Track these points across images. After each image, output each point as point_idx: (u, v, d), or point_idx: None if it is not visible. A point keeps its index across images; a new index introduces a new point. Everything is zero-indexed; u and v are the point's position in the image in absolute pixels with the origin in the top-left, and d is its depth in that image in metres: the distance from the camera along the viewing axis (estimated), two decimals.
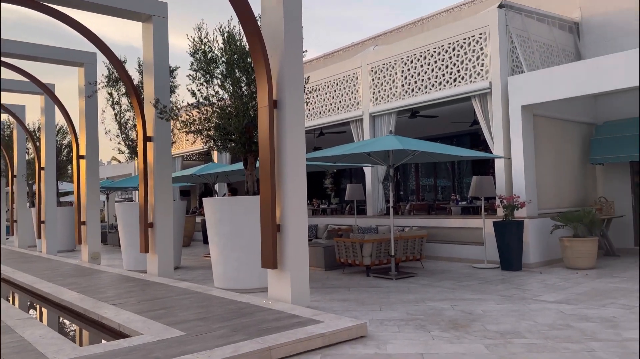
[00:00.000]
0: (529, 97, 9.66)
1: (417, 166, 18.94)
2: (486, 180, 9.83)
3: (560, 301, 6.44)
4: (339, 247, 9.45)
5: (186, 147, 19.92)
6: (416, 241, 9.68)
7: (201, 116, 8.52)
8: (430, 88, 11.37)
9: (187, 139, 18.81)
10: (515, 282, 7.98)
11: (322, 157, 8.79)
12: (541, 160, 10.27)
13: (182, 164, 20.96)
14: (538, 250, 9.70)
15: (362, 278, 8.80)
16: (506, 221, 9.36)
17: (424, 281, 8.28)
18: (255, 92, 7.93)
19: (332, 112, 13.94)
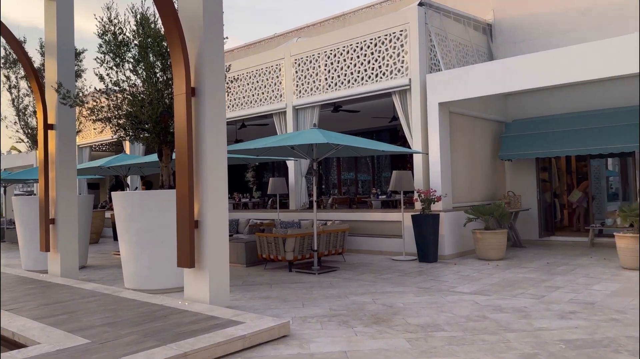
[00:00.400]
0: (446, 95, 9.98)
1: (338, 160, 19.10)
2: (405, 175, 10.04)
3: (474, 292, 6.68)
4: (260, 242, 9.21)
5: (95, 137, 18.60)
6: (338, 235, 9.67)
7: (110, 103, 7.88)
8: (352, 83, 11.40)
9: (94, 128, 17.54)
10: (432, 274, 8.21)
11: (244, 150, 8.49)
12: (456, 156, 10.67)
13: (90, 155, 19.55)
14: (452, 242, 10.08)
15: (284, 274, 8.63)
16: (423, 214, 9.61)
17: (346, 275, 8.27)
18: (171, 78, 7.45)
19: (255, 104, 13.60)
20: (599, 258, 9.27)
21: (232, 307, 5.89)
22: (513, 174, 12.30)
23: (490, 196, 11.76)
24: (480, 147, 11.60)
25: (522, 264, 8.90)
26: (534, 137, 11.34)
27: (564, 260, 9.23)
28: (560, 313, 5.39)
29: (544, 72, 8.74)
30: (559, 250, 10.64)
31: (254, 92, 13.61)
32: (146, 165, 11.84)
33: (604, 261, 8.81)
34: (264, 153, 9.52)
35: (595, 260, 9.07)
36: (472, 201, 11.08)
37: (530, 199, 11.90)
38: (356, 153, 9.91)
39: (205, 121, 5.95)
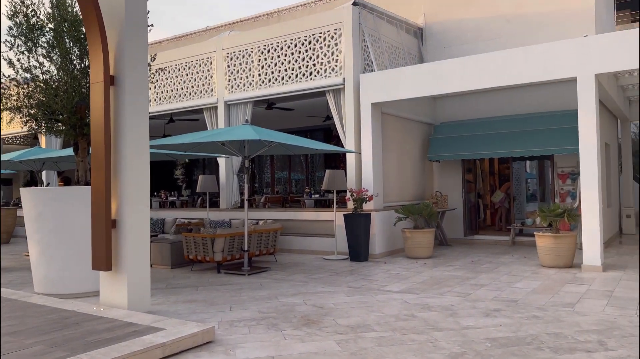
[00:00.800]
0: (379, 95, 10.05)
1: (272, 158, 18.85)
2: (338, 174, 10.00)
3: (403, 290, 6.72)
4: (187, 243, 8.79)
5: (7, 129, 17.10)
6: (270, 235, 9.45)
7: (20, 91, 7.18)
8: (286, 80, 11.22)
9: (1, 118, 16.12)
10: (363, 273, 8.21)
11: (170, 145, 8.04)
12: (388, 156, 10.79)
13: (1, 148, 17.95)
14: (383, 241, 10.18)
15: (212, 275, 8.29)
16: (355, 213, 9.62)
17: (276, 276, 8.08)
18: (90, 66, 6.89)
19: (184, 98, 13.05)
20: (519, 256, 9.71)
21: (153, 312, 5.52)
22: (440, 175, 12.66)
23: (419, 196, 12.03)
24: (411, 147, 11.82)
25: (448, 262, 9.13)
26: (461, 139, 11.72)
27: (487, 258, 9.58)
28: (485, 310, 5.52)
29: (473, 76, 9.01)
30: (483, 248, 11.06)
31: (184, 85, 13.06)
32: (62, 159, 10.98)
33: (524, 260, 9.23)
34: (192, 149, 9.11)
35: (516, 258, 9.49)
36: (402, 200, 11.26)
37: (456, 199, 12.30)
38: (289, 152, 9.75)
39: (125, 112, 5.53)
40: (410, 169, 11.79)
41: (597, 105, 7.81)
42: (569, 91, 10.78)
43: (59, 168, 12.77)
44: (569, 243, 8.14)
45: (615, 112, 12.27)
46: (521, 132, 11.01)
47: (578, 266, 8.08)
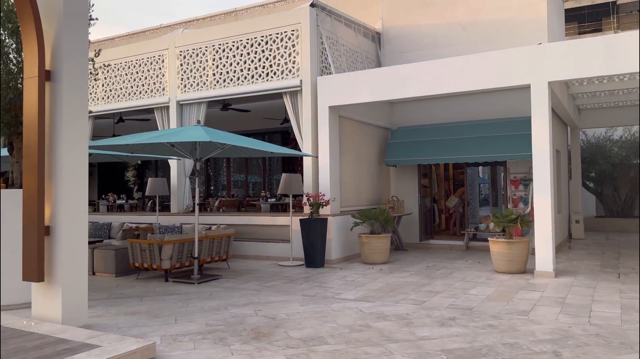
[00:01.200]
0: (336, 98, 9.90)
1: (228, 161, 18.40)
2: (295, 178, 9.77)
3: (359, 298, 6.56)
4: (133, 250, 8.32)
5: None
6: (223, 241, 9.11)
7: None
8: (242, 81, 10.90)
9: None
10: (318, 280, 8.00)
11: (115, 146, 7.58)
12: (345, 160, 10.66)
13: None
14: (339, 247, 10.01)
15: (159, 284, 7.86)
16: (312, 218, 9.41)
17: (228, 284, 7.75)
18: None
19: (134, 96, 12.49)
20: (473, 261, 9.77)
21: (90, 326, 5.10)
22: (397, 179, 12.65)
23: (376, 201, 11.96)
24: (368, 152, 11.74)
25: (404, 268, 9.06)
26: (417, 144, 11.74)
27: (442, 263, 9.58)
28: (440, 319, 5.41)
29: (430, 81, 9.00)
30: (438, 253, 11.09)
31: (134, 84, 12.50)
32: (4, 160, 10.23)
33: (478, 265, 9.28)
34: (140, 151, 8.65)
35: (470, 263, 9.53)
36: (358, 205, 11.15)
37: (412, 204, 12.31)
38: (244, 154, 9.43)
39: (61, 109, 5.10)
40: (367, 174, 11.71)
41: (550, 112, 7.93)
42: (522, 98, 10.97)
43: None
44: (522, 249, 8.22)
45: (565, 119, 12.63)
46: (476, 138, 11.12)
47: (531, 272, 8.17)
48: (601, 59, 7.42)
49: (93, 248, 8.87)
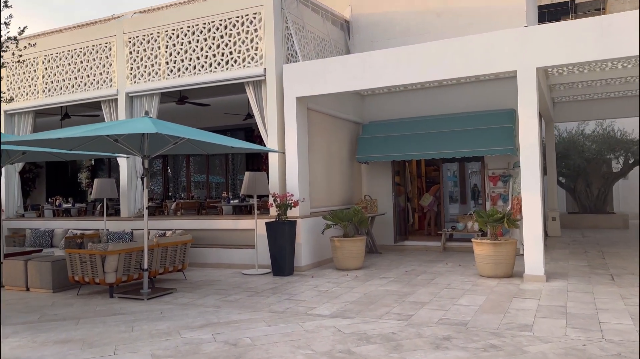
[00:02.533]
0: (304, 89, 9.00)
1: (188, 160, 17.22)
2: (259, 177, 8.82)
3: (335, 314, 5.68)
4: (72, 261, 7.18)
5: None
6: (178, 249, 8.06)
7: None
8: (199, 70, 9.85)
9: None
10: (287, 291, 7.08)
11: (44, 140, 6.42)
12: (314, 157, 9.77)
13: None
14: (310, 252, 9.12)
15: (102, 301, 6.77)
16: (279, 221, 8.49)
17: (183, 299, 6.73)
18: None
19: (79, 89, 11.21)
20: (454, 264, 9.06)
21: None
22: (369, 177, 11.87)
23: (348, 201, 11.13)
24: (338, 148, 10.90)
25: (381, 273, 8.25)
26: (390, 139, 10.98)
27: (421, 267, 8.83)
28: (434, 340, 4.60)
29: (406, 68, 8.22)
30: (414, 255, 10.36)
31: (78, 75, 11.23)
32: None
33: (460, 269, 8.57)
34: (80, 147, 7.50)
35: (451, 266, 8.82)
36: (330, 205, 10.29)
37: (386, 203, 11.55)
38: (201, 151, 8.40)
39: None
40: (339, 171, 10.86)
41: (537, 101, 7.28)
42: (502, 90, 10.39)
43: None
44: (509, 251, 7.54)
45: (542, 112, 12.13)
46: (452, 132, 10.44)
47: (519, 276, 7.50)
48: (594, 42, 6.81)
49: (26, 260, 7.66)
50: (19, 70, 11.93)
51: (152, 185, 17.94)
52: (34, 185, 17.89)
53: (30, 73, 11.81)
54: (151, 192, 17.73)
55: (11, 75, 12.03)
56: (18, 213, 12.25)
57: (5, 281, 7.76)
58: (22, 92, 11.90)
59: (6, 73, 12.04)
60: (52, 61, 11.49)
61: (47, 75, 11.58)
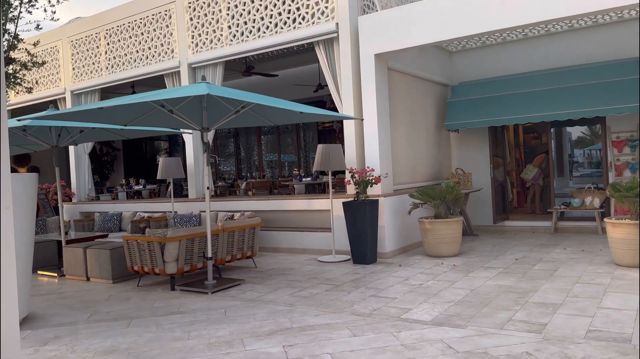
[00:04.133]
0: (384, 43, 7.60)
1: (259, 139, 16.45)
2: (334, 150, 7.61)
3: (439, 320, 4.40)
4: (130, 249, 6.43)
5: None
6: (246, 233, 7.11)
7: None
8: (264, 32, 8.74)
9: None
10: (372, 284, 5.88)
11: (82, 112, 5.58)
12: (396, 125, 8.40)
13: None
14: (394, 235, 7.84)
15: (162, 295, 5.95)
16: (358, 201, 7.27)
17: (252, 294, 5.74)
18: None
19: (140, 63, 10.56)
20: (574, 249, 7.41)
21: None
22: (460, 147, 10.30)
23: (435, 175, 9.68)
24: (423, 114, 9.42)
25: (484, 262, 6.81)
26: (486, 101, 9.33)
27: (533, 253, 7.27)
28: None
29: (515, 7, 6.55)
30: (519, 238, 8.76)
31: (139, 48, 10.55)
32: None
33: (585, 255, 6.92)
34: (134, 122, 6.66)
35: (571, 252, 7.18)
36: (415, 182, 8.92)
37: (481, 177, 9.95)
38: (268, 122, 7.31)
39: None
40: (424, 142, 9.41)
41: None
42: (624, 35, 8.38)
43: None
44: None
45: None
46: (564, 89, 8.61)
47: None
48: None
49: (85, 247, 7.04)
50: (82, 48, 11.51)
51: (225, 165, 17.42)
52: (112, 167, 17.97)
53: (94, 50, 11.34)
54: (223, 172, 17.20)
55: (75, 53, 11.64)
56: (89, 196, 12.00)
57: (66, 270, 7.22)
58: (87, 70, 11.48)
59: (71, 51, 11.67)
60: (114, 35, 10.90)
61: (109, 50, 11.02)
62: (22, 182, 4.88)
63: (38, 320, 5.07)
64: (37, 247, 7.96)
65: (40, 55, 12.28)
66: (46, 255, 8.06)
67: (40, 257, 7.97)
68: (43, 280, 7.31)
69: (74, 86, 11.59)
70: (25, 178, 4.95)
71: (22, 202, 4.84)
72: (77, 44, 11.58)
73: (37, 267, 7.88)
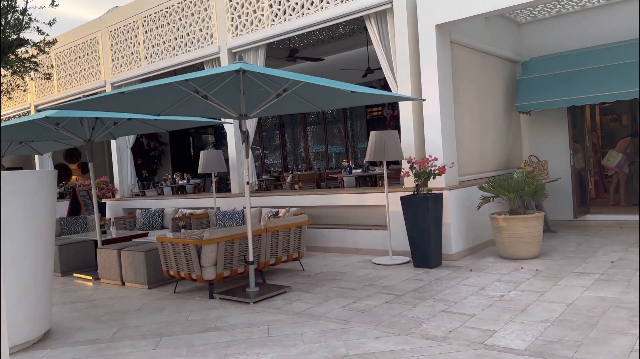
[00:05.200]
0: (447, 11, 6.58)
1: (305, 130, 15.71)
2: (389, 137, 6.67)
3: (536, 348, 3.44)
4: (165, 252, 5.79)
5: None
6: (292, 233, 6.34)
7: None
8: (308, 8, 7.90)
9: None
10: (441, 295, 4.96)
11: (98, 99, 4.89)
12: (460, 107, 7.36)
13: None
14: (461, 234, 6.84)
15: (199, 305, 5.26)
16: (418, 195, 6.33)
17: (299, 305, 4.95)
18: None
19: (180, 50, 9.97)
20: None
21: None
22: (533, 132, 9.10)
23: (504, 164, 8.56)
24: (490, 94, 8.31)
25: (573, 266, 5.73)
26: (564, 78, 8.10)
27: (630, 254, 6.11)
28: None
29: None
30: (605, 235, 7.54)
31: (178, 34, 9.96)
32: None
33: None
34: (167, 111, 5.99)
35: None
36: (482, 171, 7.87)
37: (558, 165, 8.73)
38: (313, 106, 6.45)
39: None
40: (492, 125, 8.31)
41: None
42: None
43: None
44: None
45: None
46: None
47: None
48: None
49: (119, 249, 6.48)
50: (121, 38, 11.07)
51: (271, 158, 16.82)
52: (160, 162, 17.76)
53: (132, 39, 10.87)
54: (269, 165, 16.59)
55: (115, 43, 11.22)
56: (132, 191, 11.62)
57: (101, 274, 6.70)
58: (126, 61, 11.04)
59: (110, 42, 11.27)
60: (152, 22, 10.37)
61: (147, 39, 10.51)
62: (39, 179, 4.29)
63: (59, 336, 4.49)
64: (74, 248, 7.55)
65: (79, 47, 11.98)
66: (84, 256, 7.60)
67: (78, 258, 7.54)
68: (78, 283, 6.84)
69: (114, 78, 11.20)
70: (42, 174, 4.35)
71: (38, 201, 4.25)
72: (115, 34, 11.16)
73: (73, 269, 7.46)
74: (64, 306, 5.58)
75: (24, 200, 4.11)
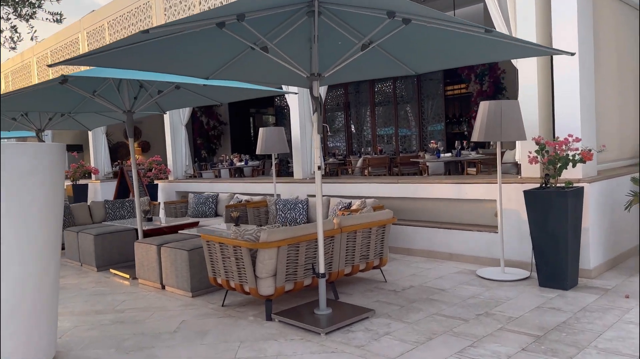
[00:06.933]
0: None
1: (373, 111, 14.11)
2: (508, 109, 4.93)
3: None
4: (211, 254, 4.47)
5: None
6: (373, 234, 4.84)
7: None
8: None
9: None
10: (601, 340, 3.31)
11: (115, 52, 3.53)
12: (599, 75, 5.49)
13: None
14: (602, 242, 5.06)
15: (253, 329, 3.90)
16: (551, 188, 4.63)
17: (391, 345, 3.46)
18: None
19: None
20: None
21: None
22: None
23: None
24: (632, 60, 6.34)
25: None
26: None
27: None
28: None
29: None
30: None
31: None
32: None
33: None
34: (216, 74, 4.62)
35: None
36: (620, 158, 5.98)
37: None
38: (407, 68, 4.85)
39: None
40: (633, 99, 6.36)
41: None
42: None
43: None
44: None
45: None
46: None
47: None
48: None
49: (160, 245, 5.24)
50: None
51: (334, 141, 15.36)
52: (219, 142, 16.81)
53: None
54: (332, 148, 15.15)
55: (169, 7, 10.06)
56: (187, 173, 10.55)
57: (139, 273, 5.52)
58: None
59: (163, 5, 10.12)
60: None
61: None
62: (32, 156, 3.04)
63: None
64: (112, 238, 6.45)
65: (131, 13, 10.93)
66: (124, 248, 6.49)
67: (116, 251, 6.44)
68: (112, 283, 5.70)
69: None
70: (37, 150, 3.09)
71: (31, 188, 3.00)
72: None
73: (111, 263, 6.38)
74: (86, 317, 4.41)
75: (7, 187, 2.86)
